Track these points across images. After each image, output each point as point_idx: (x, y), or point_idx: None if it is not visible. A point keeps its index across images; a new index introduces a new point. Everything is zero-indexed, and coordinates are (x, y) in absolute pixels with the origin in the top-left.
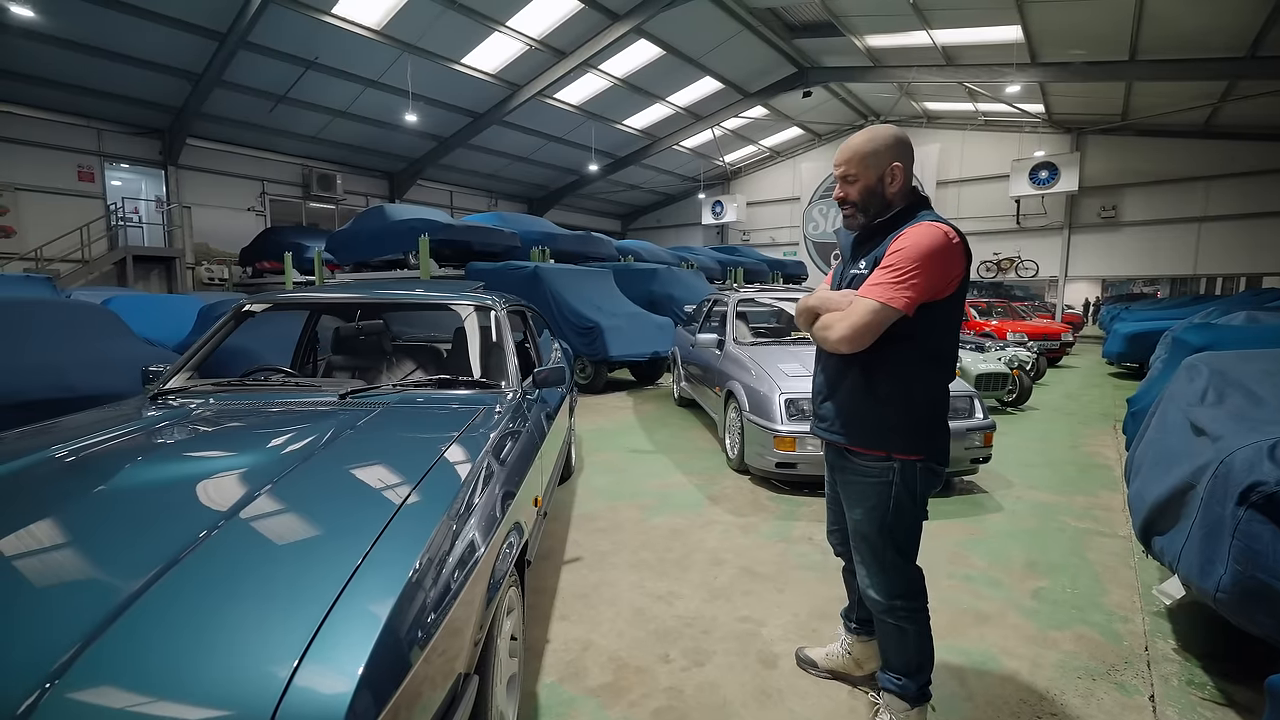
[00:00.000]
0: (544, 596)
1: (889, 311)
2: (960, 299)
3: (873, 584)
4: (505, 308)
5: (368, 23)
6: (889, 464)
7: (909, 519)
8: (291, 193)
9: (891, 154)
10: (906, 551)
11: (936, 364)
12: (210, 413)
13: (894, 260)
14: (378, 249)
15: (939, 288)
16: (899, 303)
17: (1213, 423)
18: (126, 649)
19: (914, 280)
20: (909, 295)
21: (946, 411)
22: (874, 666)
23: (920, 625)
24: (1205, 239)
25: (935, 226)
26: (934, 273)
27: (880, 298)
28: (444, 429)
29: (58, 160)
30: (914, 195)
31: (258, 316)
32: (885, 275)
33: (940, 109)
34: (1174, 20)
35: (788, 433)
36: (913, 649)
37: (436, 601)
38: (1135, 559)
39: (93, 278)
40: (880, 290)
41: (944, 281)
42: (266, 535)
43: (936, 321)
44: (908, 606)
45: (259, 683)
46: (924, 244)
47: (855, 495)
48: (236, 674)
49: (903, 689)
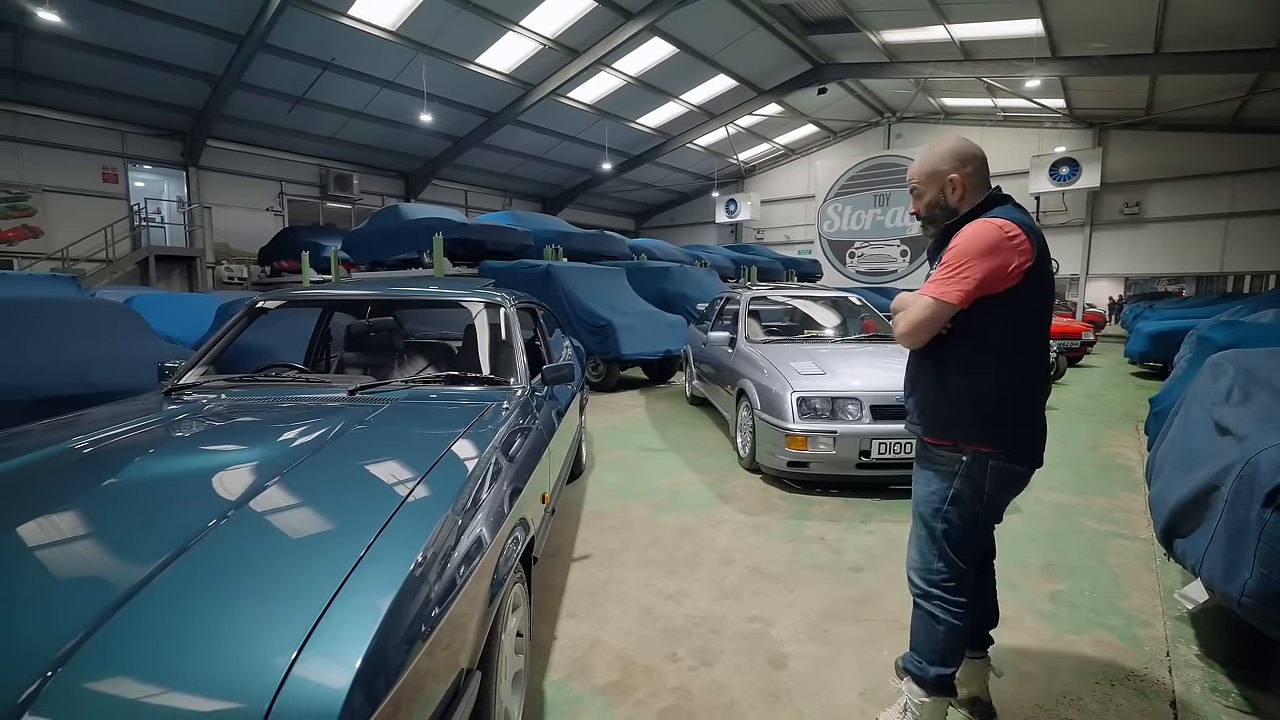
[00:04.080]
0: (552, 594)
1: (941, 306)
2: (1030, 291)
3: (914, 566)
4: (515, 305)
5: (383, 23)
6: (957, 454)
7: (966, 514)
8: (309, 193)
9: (948, 166)
10: (957, 546)
11: (1010, 356)
12: (222, 407)
13: (947, 257)
14: (393, 248)
15: (995, 281)
16: (951, 296)
17: (1238, 422)
18: (129, 638)
19: (965, 274)
20: (961, 289)
21: (1031, 406)
22: (972, 690)
23: (952, 621)
24: (1232, 235)
25: (987, 222)
26: (986, 266)
27: (933, 293)
28: (451, 425)
29: (83, 162)
30: (986, 197)
31: (275, 314)
32: (939, 272)
33: (958, 105)
34: (1200, 11)
35: (800, 431)
36: (939, 639)
37: (438, 596)
38: (1156, 562)
39: (116, 277)
40: (934, 286)
41: (999, 274)
42: (271, 528)
43: (1001, 314)
44: (944, 598)
45: (258, 672)
46: (974, 239)
47: (921, 479)
48: (236, 663)
49: (921, 673)
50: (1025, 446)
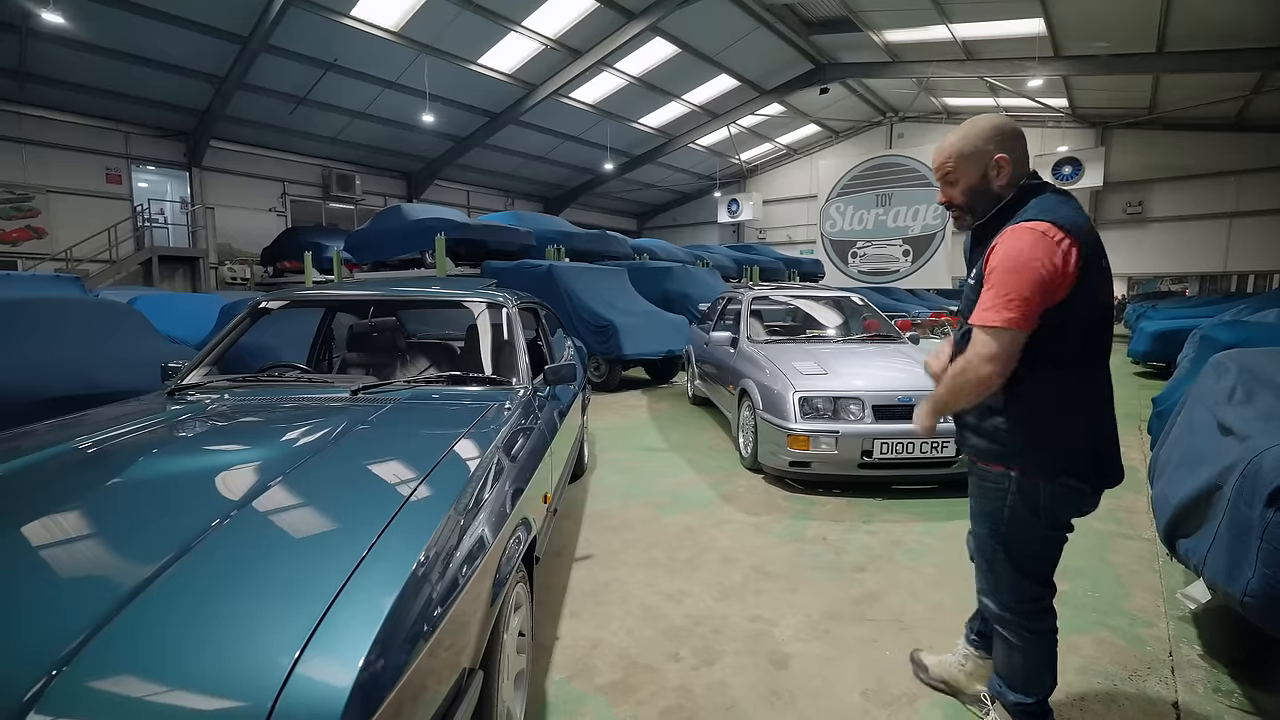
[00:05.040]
0: (554, 593)
1: (1005, 334)
2: (1085, 298)
3: (984, 590)
4: (516, 305)
5: (385, 24)
6: (1006, 474)
7: (1028, 533)
8: (311, 193)
9: (993, 145)
10: (1022, 566)
11: (1063, 370)
12: (224, 408)
13: (992, 279)
14: (395, 248)
15: (1053, 290)
16: (1014, 323)
17: (1241, 422)
18: (133, 637)
19: (1013, 295)
20: (1017, 310)
21: (1086, 421)
22: (983, 687)
23: (1030, 644)
24: (1236, 235)
25: (1027, 228)
26: (1038, 276)
27: (991, 322)
28: (453, 425)
29: (87, 163)
30: (1026, 183)
31: (280, 314)
32: (988, 296)
33: (960, 104)
34: (1203, 10)
35: (802, 431)
36: (1018, 664)
37: (441, 595)
38: (1160, 562)
39: (120, 277)
40: (988, 314)
41: (1054, 283)
42: (273, 527)
43: (1050, 325)
44: (1018, 622)
45: (261, 672)
46: (1015, 251)
47: (976, 496)
48: (239, 663)
49: (1003, 698)
50: (1082, 464)
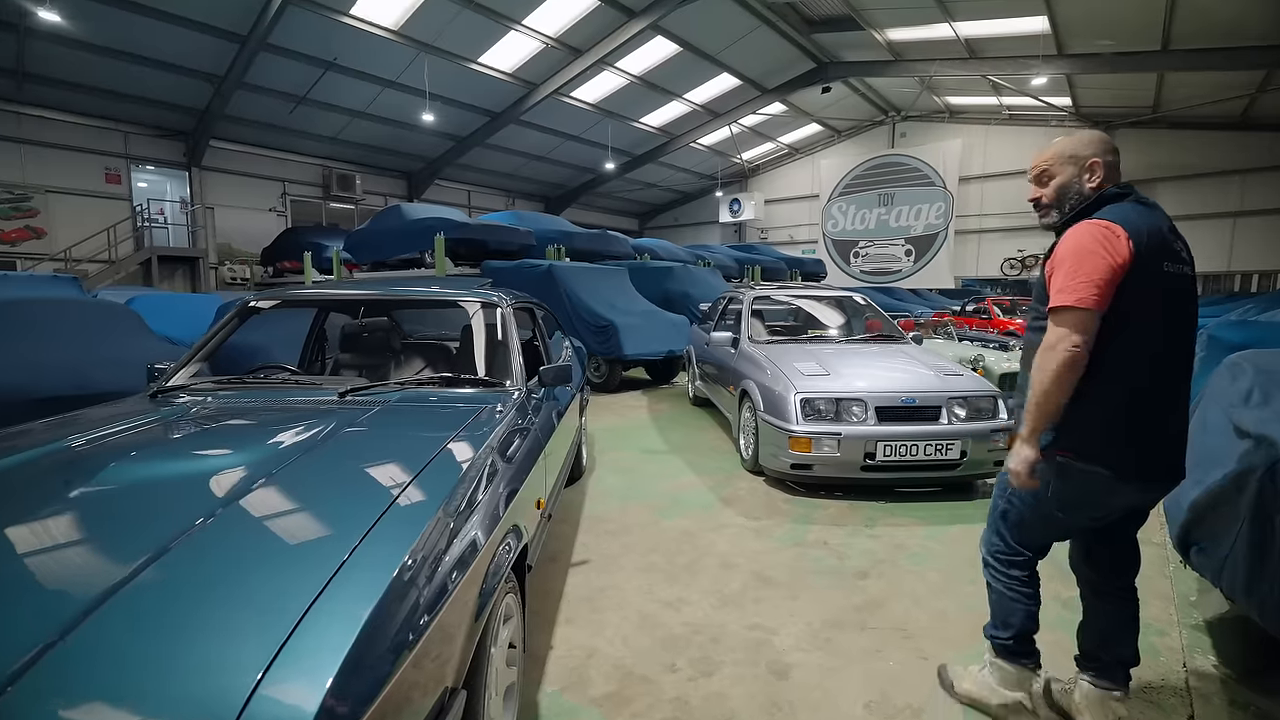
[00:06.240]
0: (549, 600)
1: (1079, 312)
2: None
3: (984, 535)
4: (511, 305)
5: (385, 23)
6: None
7: (1033, 507)
8: (312, 193)
9: (1093, 151)
10: (1014, 530)
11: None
12: (208, 410)
13: (1061, 267)
14: (395, 248)
15: (1116, 277)
16: (1085, 301)
17: (1260, 425)
18: (88, 655)
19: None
20: (1084, 291)
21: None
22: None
23: (1002, 591)
24: (1240, 234)
25: (1090, 223)
26: (1103, 261)
27: (1065, 302)
28: (443, 428)
29: (86, 163)
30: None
31: (276, 314)
32: (1059, 279)
33: (963, 103)
34: (1208, 7)
35: (803, 433)
36: (993, 604)
37: (421, 608)
38: (1170, 568)
39: (119, 278)
40: (1061, 296)
41: (1117, 270)
42: (246, 536)
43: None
44: (994, 567)
45: (221, 693)
46: (1079, 242)
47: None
48: (199, 682)
49: (991, 637)
50: (1099, 448)
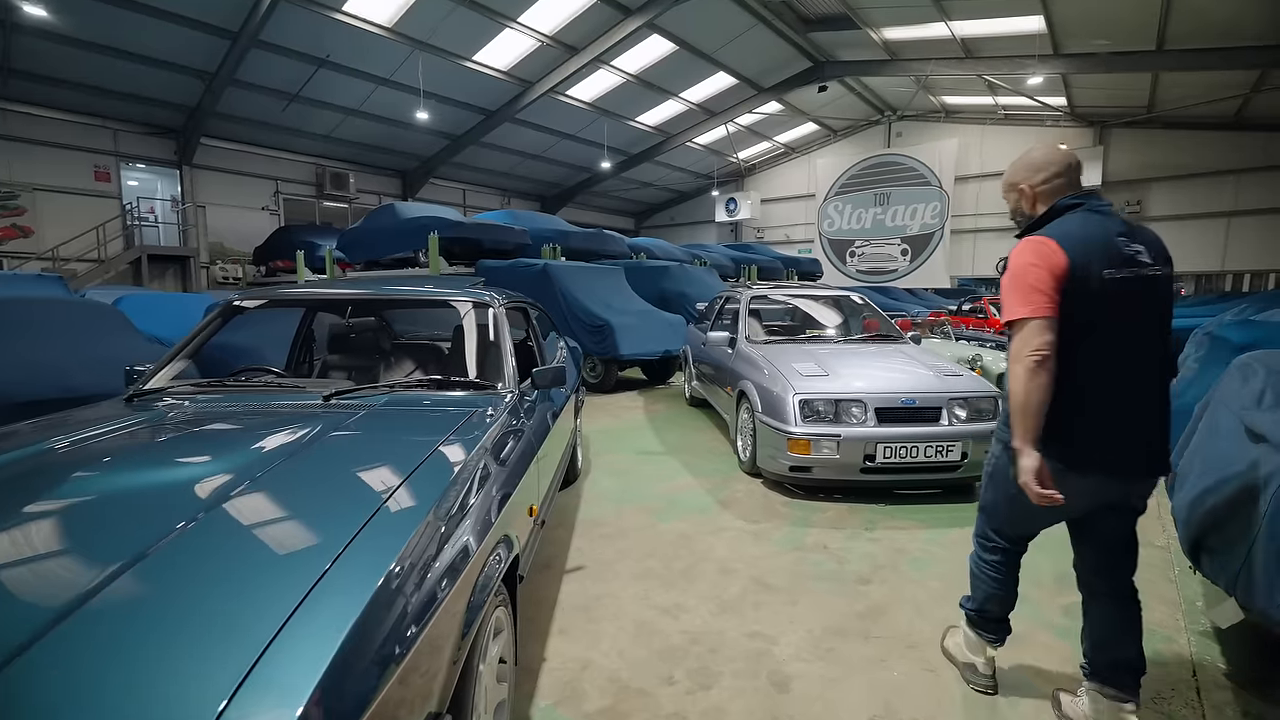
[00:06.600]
0: (543, 609)
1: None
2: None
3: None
4: (504, 305)
5: (379, 20)
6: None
7: (1002, 489)
8: (305, 192)
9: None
10: (991, 516)
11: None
12: (185, 415)
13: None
14: (388, 247)
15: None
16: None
17: (1275, 428)
18: (40, 681)
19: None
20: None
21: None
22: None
23: (974, 571)
24: (1234, 234)
25: (1027, 240)
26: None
27: (1010, 317)
28: (430, 433)
29: (75, 160)
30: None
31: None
32: (1004, 299)
33: (959, 103)
34: (1203, 7)
35: (802, 435)
36: (971, 579)
37: (405, 624)
38: (1175, 572)
39: (109, 277)
40: (1007, 313)
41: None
42: (217, 550)
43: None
44: (976, 550)
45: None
46: (1016, 260)
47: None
48: (161, 709)
49: (961, 604)
50: (1044, 442)
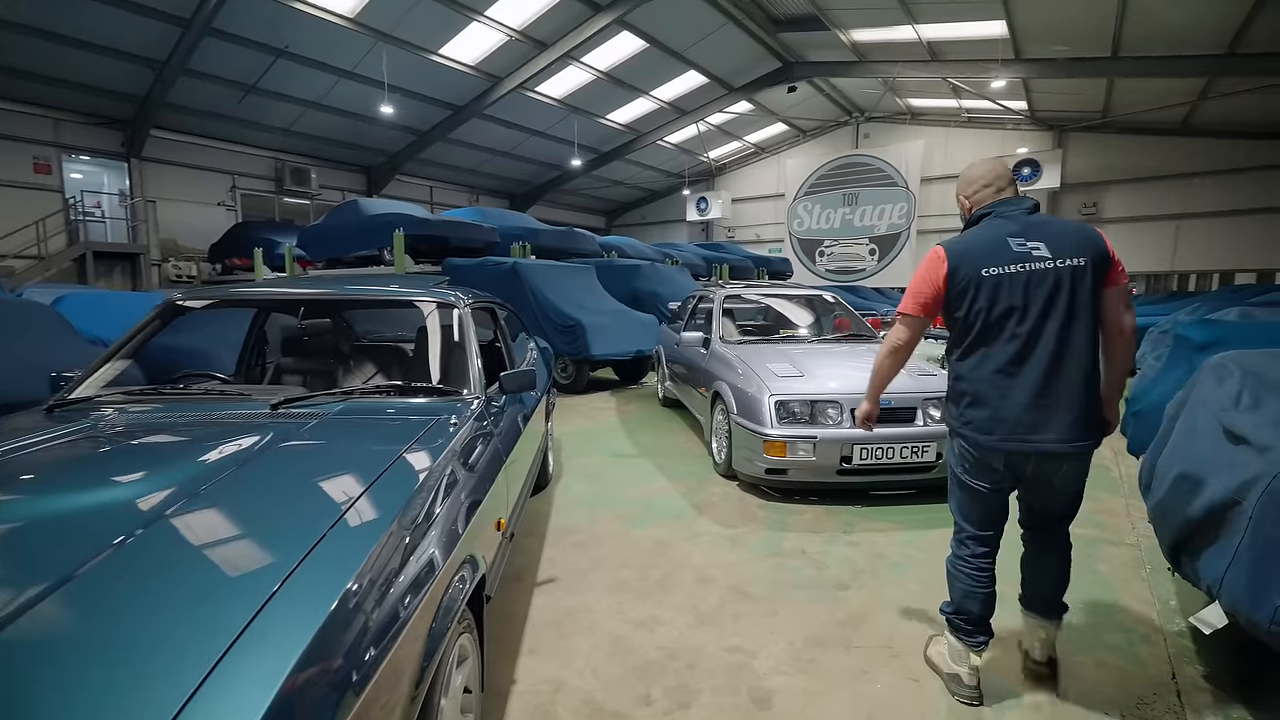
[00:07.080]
0: (512, 625)
1: (902, 319)
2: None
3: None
4: (469, 305)
5: (340, 10)
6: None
7: (954, 481)
8: (264, 187)
9: (960, 190)
10: (954, 506)
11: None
12: (114, 427)
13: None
14: (352, 245)
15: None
16: (904, 310)
17: (1256, 430)
18: None
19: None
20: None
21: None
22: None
23: (950, 569)
24: (1184, 236)
25: (931, 250)
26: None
27: (899, 310)
28: (388, 444)
29: (12, 151)
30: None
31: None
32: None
33: (925, 105)
34: (1156, 15)
35: (778, 437)
36: (947, 578)
37: (359, 656)
38: (1147, 570)
39: (50, 274)
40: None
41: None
42: (150, 570)
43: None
44: (951, 548)
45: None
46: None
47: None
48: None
49: (941, 610)
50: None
